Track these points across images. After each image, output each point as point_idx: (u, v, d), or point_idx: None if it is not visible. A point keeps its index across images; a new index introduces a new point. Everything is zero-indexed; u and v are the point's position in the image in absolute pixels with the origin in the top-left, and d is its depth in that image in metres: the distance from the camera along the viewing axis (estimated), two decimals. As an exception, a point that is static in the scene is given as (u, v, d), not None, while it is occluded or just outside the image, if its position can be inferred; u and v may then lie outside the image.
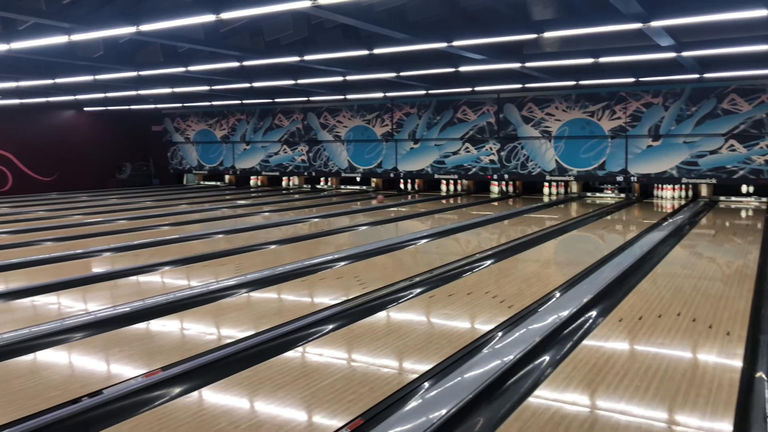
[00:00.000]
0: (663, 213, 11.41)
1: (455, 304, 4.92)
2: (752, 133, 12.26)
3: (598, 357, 3.69)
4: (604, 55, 9.51)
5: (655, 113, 13.12)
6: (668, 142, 13.09)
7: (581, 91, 13.72)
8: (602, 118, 13.64)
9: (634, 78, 11.86)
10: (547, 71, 11.76)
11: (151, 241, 8.38)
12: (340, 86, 14.31)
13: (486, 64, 10.41)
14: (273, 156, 18.38)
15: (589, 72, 11.97)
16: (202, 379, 3.41)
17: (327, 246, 8.16)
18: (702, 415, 2.92)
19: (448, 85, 13.72)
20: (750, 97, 12.21)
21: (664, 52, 8.98)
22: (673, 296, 5.12)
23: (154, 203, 13.96)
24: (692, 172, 12.92)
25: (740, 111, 12.31)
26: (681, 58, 9.53)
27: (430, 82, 13.48)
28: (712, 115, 12.56)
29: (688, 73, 11.23)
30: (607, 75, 12.05)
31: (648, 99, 13.17)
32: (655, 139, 13.21)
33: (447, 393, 3.20)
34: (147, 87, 13.76)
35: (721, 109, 12.48)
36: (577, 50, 9.91)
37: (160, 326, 4.49)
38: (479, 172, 15.25)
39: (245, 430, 2.79)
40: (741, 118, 12.32)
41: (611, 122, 13.55)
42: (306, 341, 4.15)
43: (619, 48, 9.57)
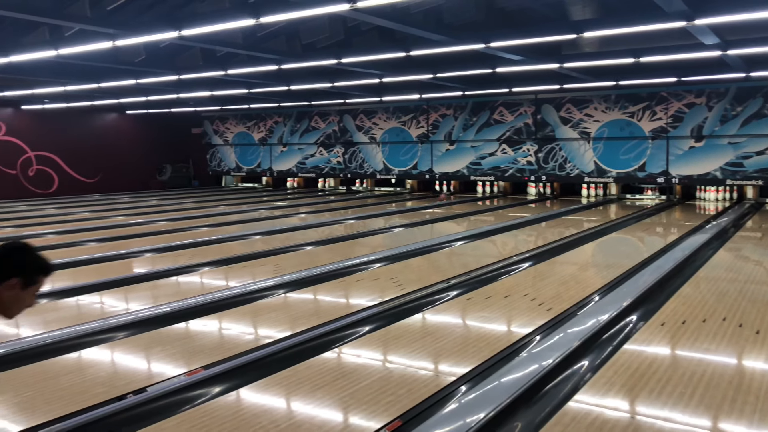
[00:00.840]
0: (706, 215, 11.12)
1: (492, 307, 4.89)
2: (801, 134, 11.87)
3: (640, 362, 3.62)
4: (646, 54, 9.32)
5: (698, 113, 12.80)
6: (712, 143, 12.75)
7: (621, 92, 13.47)
8: (642, 119, 13.36)
9: (677, 78, 11.59)
10: (586, 71, 11.58)
11: (191, 242, 8.52)
12: (376, 88, 14.34)
13: (523, 64, 10.31)
14: (309, 158, 18.53)
15: (630, 72, 11.74)
16: (241, 379, 3.46)
17: (362, 247, 8.19)
18: (749, 423, 2.84)
19: (485, 86, 13.63)
20: (798, 96, 11.82)
21: (709, 50, 8.76)
22: (717, 301, 4.99)
23: (193, 204, 14.21)
24: (737, 174, 12.56)
25: (788, 110, 11.93)
26: (726, 56, 9.28)
27: (467, 83, 13.41)
28: (759, 115, 12.19)
29: (733, 72, 10.93)
30: (648, 75, 11.80)
31: (691, 99, 12.86)
32: (697, 140, 12.89)
33: (485, 396, 3.18)
34: (187, 90, 14.02)
35: (767, 108, 12.12)
36: (617, 50, 9.74)
37: (200, 326, 4.57)
38: (516, 174, 15.11)
39: (285, 429, 2.82)
40: (789, 118, 11.94)
41: (652, 123, 13.27)
42: (343, 342, 4.17)
43: (661, 47, 9.37)
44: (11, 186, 16.78)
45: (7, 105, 16.52)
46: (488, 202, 14.20)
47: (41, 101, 16.20)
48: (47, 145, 17.59)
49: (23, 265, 2.08)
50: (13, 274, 2.04)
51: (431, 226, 10.60)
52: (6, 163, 16.73)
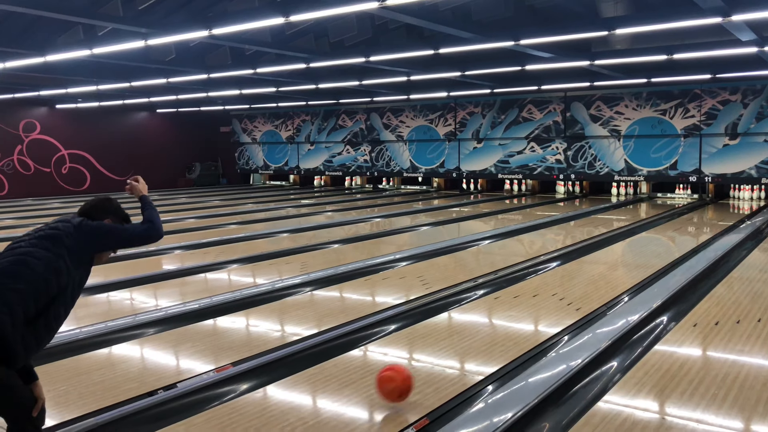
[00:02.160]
0: (740, 215, 10.88)
1: (520, 306, 4.85)
2: (840, 131, 11.54)
3: (671, 363, 3.55)
4: (679, 51, 9.15)
5: (732, 111, 12.53)
6: (747, 140, 12.47)
7: (652, 89, 13.25)
8: (675, 117, 13.12)
9: (711, 75, 11.36)
10: (617, 69, 11.41)
11: (219, 239, 8.62)
12: (404, 86, 14.33)
13: (553, 62, 10.20)
14: (336, 156, 18.59)
15: (662, 69, 11.53)
16: (269, 376, 3.49)
17: (389, 246, 8.19)
18: (785, 428, 2.77)
19: (514, 83, 13.51)
20: (838, 93, 11.49)
21: (745, 47, 8.57)
22: (751, 302, 4.88)
23: (221, 202, 14.37)
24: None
25: (827, 107, 11.61)
26: (763, 53, 9.06)
27: (495, 80, 13.31)
28: (796, 112, 11.90)
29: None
30: (681, 72, 11.58)
31: (725, 96, 12.59)
32: (732, 137, 12.61)
33: (513, 396, 3.16)
34: (216, 89, 14.18)
35: (805, 105, 11.81)
36: (649, 47, 9.58)
37: (229, 323, 4.61)
38: (545, 172, 14.96)
39: (312, 426, 2.84)
40: (828, 115, 11.61)
41: (684, 120, 13.02)
42: (369, 340, 4.18)
43: (696, 44, 9.18)
44: (46, 183, 17.17)
45: (41, 104, 16.90)
46: (516, 201, 14.09)
47: (75, 100, 16.53)
48: (80, 143, 17.95)
49: (113, 209, 2.69)
50: (106, 216, 2.63)
51: (458, 224, 10.55)
52: (40, 161, 17.11)
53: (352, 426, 2.84)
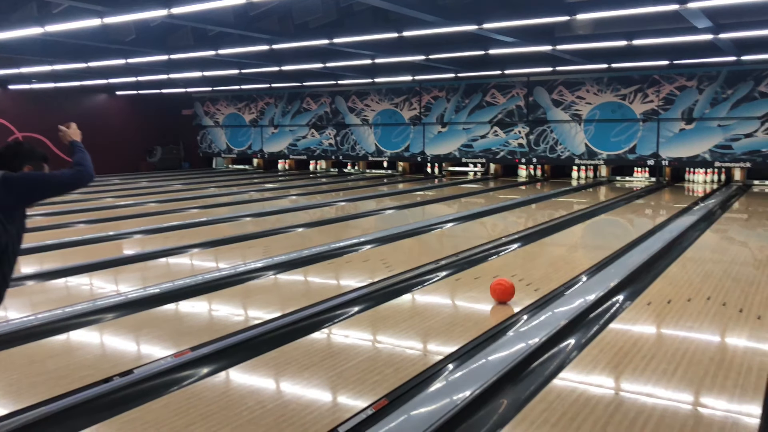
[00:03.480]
0: (694, 197, 11.19)
1: (481, 288, 4.92)
2: (790, 117, 11.93)
3: (626, 340, 3.66)
4: (639, 37, 9.31)
5: (689, 96, 12.83)
6: (702, 125, 12.80)
7: (613, 74, 13.47)
8: (634, 102, 13.38)
9: (669, 61, 11.60)
10: (579, 54, 11.56)
11: (181, 223, 8.51)
12: (369, 69, 14.26)
13: (516, 46, 10.27)
14: (301, 140, 18.45)
15: (622, 55, 11.73)
16: (229, 360, 3.48)
17: (354, 229, 8.20)
18: (730, 398, 2.89)
19: (478, 68, 13.58)
20: (789, 79, 11.86)
21: (701, 34, 8.76)
22: (702, 281, 5.05)
23: (183, 186, 14.16)
24: (726, 156, 12.63)
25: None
26: (718, 40, 9.28)
27: (460, 65, 13.36)
28: (749, 98, 12.24)
29: (724, 56, 10.95)
30: (640, 58, 11.80)
31: (682, 82, 12.88)
32: (688, 122, 12.93)
33: (471, 375, 3.22)
34: (177, 71, 13.90)
35: (758, 91, 12.15)
36: (610, 32, 9.72)
37: (189, 307, 4.58)
38: (507, 156, 15.12)
39: (271, 410, 2.84)
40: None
41: (643, 105, 13.29)
42: (332, 323, 4.20)
43: (655, 30, 9.35)
44: None
45: (-7, 85, 16.36)
46: (479, 185, 14.22)
47: (29, 81, 16.01)
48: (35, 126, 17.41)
49: (29, 153, 2.61)
50: (24, 164, 2.56)
51: (422, 208, 10.61)
52: (-6, 144, 16.57)
53: (311, 408, 2.86)
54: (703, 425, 2.64)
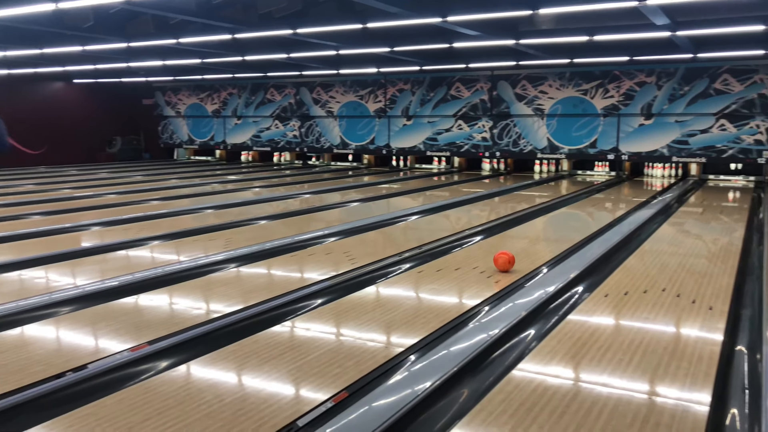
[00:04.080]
0: (652, 191, 11.46)
1: (443, 280, 4.95)
2: (743, 113, 12.29)
3: (583, 331, 3.73)
4: (599, 33, 9.46)
5: (648, 92, 13.10)
6: (660, 121, 13.10)
7: (575, 70, 13.67)
8: (595, 97, 13.61)
9: (629, 57, 11.82)
10: (542, 49, 11.70)
11: (141, 215, 8.35)
12: (334, 60, 14.19)
13: (480, 40, 10.34)
14: (264, 131, 18.27)
15: (584, 50, 11.91)
16: (188, 354, 3.43)
17: (318, 222, 8.16)
18: (681, 387, 2.97)
19: (442, 61, 13.63)
20: (742, 78, 12.21)
21: (659, 31, 8.95)
22: (659, 272, 5.17)
23: (144, 178, 13.89)
24: (683, 151, 12.96)
25: (732, 91, 12.32)
26: (675, 37, 9.50)
27: (424, 57, 13.38)
28: (705, 95, 12.56)
29: (682, 53, 11.21)
30: (601, 53, 12.00)
31: (641, 78, 13.14)
32: (647, 117, 13.21)
33: (432, 366, 3.24)
34: (138, 59, 13.60)
35: (713, 89, 12.48)
36: (572, 28, 9.86)
37: (148, 300, 4.50)
38: (471, 150, 15.24)
39: (230, 403, 2.82)
40: (733, 98, 12.33)
41: (604, 101, 13.53)
42: (294, 316, 4.18)
43: (615, 26, 9.52)
44: (-50, 157, 16.07)
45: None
46: (444, 178, 14.30)
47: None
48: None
49: None
50: None
51: (387, 200, 10.62)
52: (-56, 132, 15.98)
53: (270, 401, 2.85)
54: (655, 413, 2.70)
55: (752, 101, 12.15)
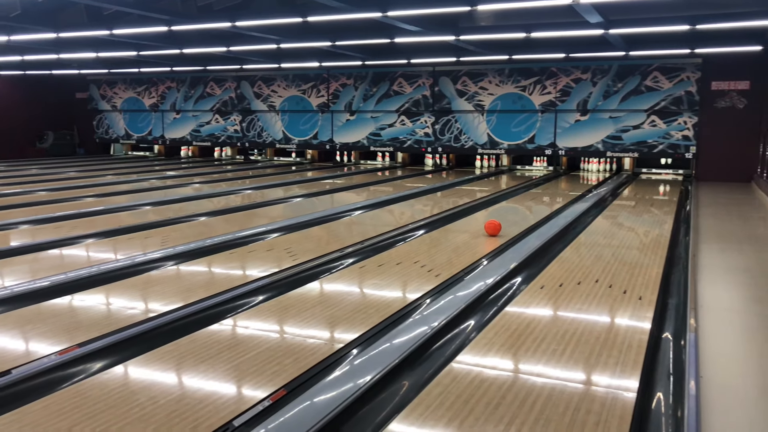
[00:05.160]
0: (588, 185, 11.82)
1: (384, 274, 4.98)
2: (672, 110, 12.80)
3: (519, 323, 3.82)
4: (537, 30, 9.67)
5: (583, 89, 13.49)
6: (595, 117, 13.51)
7: (514, 66, 13.94)
8: (533, 93, 13.91)
9: (565, 54, 12.13)
10: (481, 45, 11.86)
11: (75, 213, 8.05)
12: (275, 54, 14.02)
13: (421, 36, 10.41)
14: (204, 126, 17.89)
15: (522, 47, 12.15)
16: (122, 355, 3.34)
17: (260, 218, 8.06)
18: (612, 374, 3.08)
19: (385, 56, 13.66)
20: (671, 75, 12.71)
21: (593, 29, 9.21)
22: (593, 264, 5.34)
23: (78, 174, 13.39)
24: (616, 146, 13.41)
25: (662, 88, 12.82)
26: (608, 35, 9.80)
27: (366, 52, 13.38)
28: (637, 92, 13.03)
29: (615, 50, 11.58)
30: (539, 50, 12.27)
31: (577, 75, 13.51)
32: (583, 113, 13.60)
33: (373, 360, 3.25)
34: (69, 50, 13.08)
35: (644, 86, 12.95)
36: (510, 24, 10.04)
37: (81, 301, 4.35)
38: (414, 145, 15.34)
39: (164, 405, 2.76)
40: (662, 95, 12.83)
41: (542, 97, 13.85)
42: (233, 313, 4.12)
43: (551, 23, 9.75)
44: None
45: None
46: (387, 173, 14.35)
47: None
48: None
49: None
50: None
51: (331, 196, 10.58)
52: None
53: (206, 401, 2.80)
54: (586, 401, 2.80)
55: (680, 98, 12.68)
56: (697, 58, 12.42)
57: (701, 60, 12.42)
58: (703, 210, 8.70)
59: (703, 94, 12.56)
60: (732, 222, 7.93)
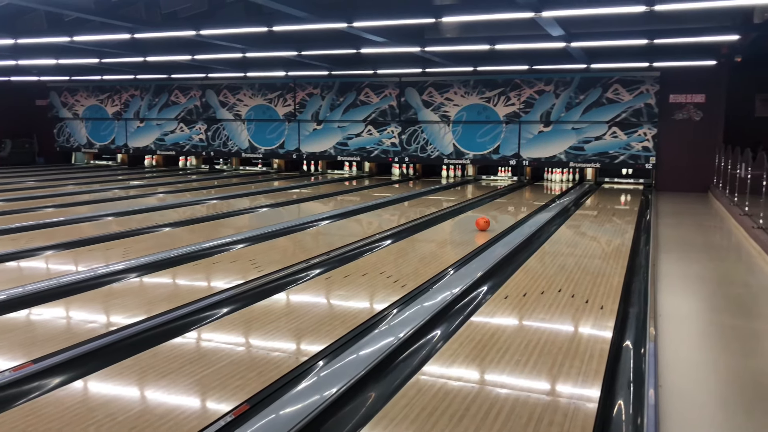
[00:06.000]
0: (552, 195, 12.01)
1: (350, 285, 4.97)
2: (632, 122, 13.11)
3: (483, 333, 3.85)
4: (501, 42, 9.82)
5: (546, 100, 13.72)
6: (558, 128, 13.75)
7: (479, 77, 14.11)
8: (498, 104, 14.10)
9: (528, 66, 12.33)
10: (447, 56, 11.99)
11: (33, 224, 7.85)
12: (240, 63, 13.94)
13: (387, 46, 10.47)
14: (169, 134, 17.66)
15: (486, 59, 12.32)
16: (80, 370, 3.26)
17: (226, 228, 7.97)
18: (574, 384, 3.13)
19: (351, 66, 13.70)
20: (631, 88, 13.03)
21: (555, 41, 9.40)
22: (557, 273, 5.42)
23: (37, 183, 13.07)
24: (579, 157, 13.66)
25: (622, 100, 13.12)
26: (570, 48, 10.01)
27: (333, 62, 13.40)
28: (598, 104, 13.31)
29: (576, 63, 11.83)
30: (503, 62, 12.45)
31: (540, 86, 13.75)
32: (546, 125, 13.83)
33: (338, 373, 3.24)
34: (28, 57, 12.79)
35: (605, 98, 13.24)
36: (475, 36, 10.18)
37: (39, 315, 4.24)
38: (381, 155, 15.39)
39: (123, 422, 2.70)
40: (623, 107, 13.13)
41: (506, 108, 14.05)
42: (197, 326, 4.06)
43: (515, 36, 9.91)
44: None
45: None
46: (354, 182, 14.36)
47: None
48: None
49: None
50: None
51: (298, 206, 10.54)
52: None
53: (167, 417, 2.75)
54: (549, 412, 2.83)
55: (640, 110, 12.99)
56: (656, 72, 12.75)
57: (659, 73, 12.76)
58: (662, 219, 8.92)
59: (662, 106, 12.90)
60: (690, 231, 8.14)
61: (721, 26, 8.97)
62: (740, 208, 8.30)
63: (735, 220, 8.29)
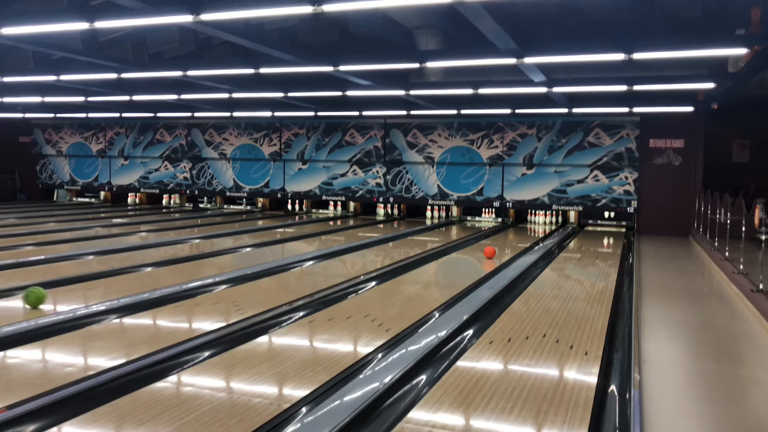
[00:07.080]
0: (535, 237, 12.09)
1: (335, 329, 4.92)
2: (613, 165, 13.33)
3: (468, 379, 3.82)
4: (484, 86, 10.01)
5: (529, 143, 13.93)
6: (541, 171, 13.93)
7: (463, 120, 14.32)
8: (481, 147, 14.29)
9: (511, 110, 12.56)
10: (431, 100, 12.18)
11: (12, 262, 7.72)
12: (226, 103, 14.04)
13: (373, 89, 10.63)
14: (153, 172, 17.62)
15: (470, 102, 12.54)
16: (53, 418, 3.16)
17: (209, 268, 7.90)
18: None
19: (337, 108, 13.85)
20: (612, 132, 13.29)
21: (537, 87, 9.60)
22: (541, 316, 5.42)
23: (18, 220, 12.91)
24: (562, 200, 13.82)
25: (603, 144, 13.36)
26: (552, 93, 10.22)
27: (319, 104, 13.55)
28: (580, 147, 13.53)
29: (558, 108, 12.06)
30: (486, 106, 12.67)
31: (523, 130, 13.97)
32: (529, 167, 14.01)
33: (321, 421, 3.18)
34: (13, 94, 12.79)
35: (587, 141, 13.48)
36: (458, 81, 10.37)
37: (14, 358, 4.13)
38: (366, 195, 15.45)
39: (102, 470, 2.62)
40: (604, 151, 13.36)
41: (489, 150, 14.23)
42: (177, 371, 3.98)
43: (497, 81, 10.11)
44: None
45: None
46: (339, 222, 14.36)
47: None
48: None
49: None
50: None
51: (282, 245, 10.49)
52: None
53: (148, 466, 2.68)
54: (535, 460, 2.80)
55: (621, 154, 13.23)
56: (636, 117, 13.04)
57: (639, 118, 13.04)
58: (645, 263, 8.99)
59: (642, 150, 13.15)
60: (672, 275, 8.21)
61: (697, 74, 9.23)
62: (721, 253, 8.40)
63: (716, 264, 8.38)
